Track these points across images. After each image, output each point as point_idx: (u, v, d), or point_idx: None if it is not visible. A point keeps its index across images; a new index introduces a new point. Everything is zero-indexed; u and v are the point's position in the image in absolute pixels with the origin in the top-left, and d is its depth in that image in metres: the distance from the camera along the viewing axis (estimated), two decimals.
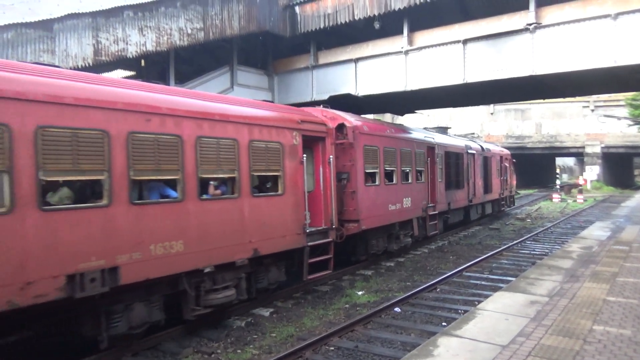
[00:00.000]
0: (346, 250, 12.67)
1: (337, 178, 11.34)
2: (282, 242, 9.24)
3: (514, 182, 30.10)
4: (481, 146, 23.56)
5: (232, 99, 9.26)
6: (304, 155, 9.82)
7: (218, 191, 8.07)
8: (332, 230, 10.78)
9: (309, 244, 9.95)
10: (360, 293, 10.69)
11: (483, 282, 11.54)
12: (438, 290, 10.97)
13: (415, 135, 16.29)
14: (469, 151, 21.10)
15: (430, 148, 16.86)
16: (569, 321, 6.53)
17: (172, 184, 7.30)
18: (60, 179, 6.15)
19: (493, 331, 6.21)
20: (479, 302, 8.59)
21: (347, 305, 9.81)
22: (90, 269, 6.02)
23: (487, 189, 23.41)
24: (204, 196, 7.70)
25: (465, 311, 8.71)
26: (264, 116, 9.04)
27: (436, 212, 16.86)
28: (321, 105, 12.95)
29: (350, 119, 12.53)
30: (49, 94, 5.76)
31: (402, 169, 14.62)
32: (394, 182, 14.10)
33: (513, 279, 10.46)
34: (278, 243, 9.15)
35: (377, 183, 13.13)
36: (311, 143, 10.41)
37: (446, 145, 18.69)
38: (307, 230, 9.89)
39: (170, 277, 7.27)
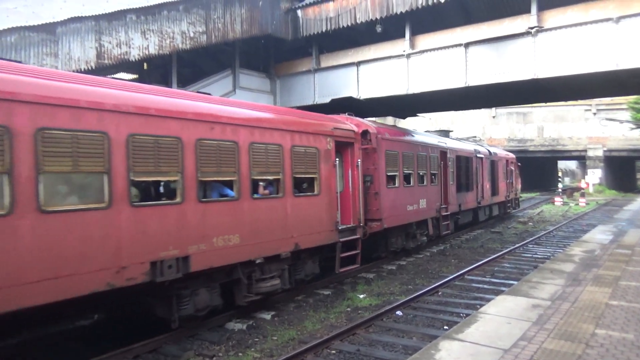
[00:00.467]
0: (367, 247, 13.05)
1: (362, 180, 12.10)
2: (318, 238, 10.24)
3: (519, 185, 31.02)
4: (489, 150, 24.36)
5: (277, 109, 10.32)
6: (337, 159, 10.90)
7: (266, 191, 9.06)
8: (359, 228, 11.68)
9: (341, 240, 10.88)
10: (362, 296, 10.67)
11: (485, 286, 11.51)
12: (440, 293, 10.94)
13: (430, 140, 17.27)
14: (478, 155, 21.89)
15: (443, 152, 17.70)
16: (571, 325, 6.51)
17: (229, 185, 8.30)
18: (145, 179, 7.18)
19: (495, 335, 6.19)
20: (481, 305, 8.57)
21: (348, 309, 9.80)
22: (168, 257, 7.05)
23: (494, 191, 24.32)
24: (255, 195, 8.70)
25: (467, 315, 8.69)
26: (303, 124, 10.11)
27: (448, 213, 17.73)
28: (346, 113, 13.53)
29: (373, 126, 13.38)
30: (138, 106, 6.78)
31: (419, 172, 15.56)
32: (412, 184, 15.02)
33: (515, 282, 10.43)
34: (315, 238, 10.15)
35: (396, 185, 14.03)
36: (341, 147, 11.33)
37: (457, 149, 19.48)
38: (339, 228, 10.82)
39: (228, 267, 8.29)
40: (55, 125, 5.86)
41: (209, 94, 9.15)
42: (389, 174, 13.55)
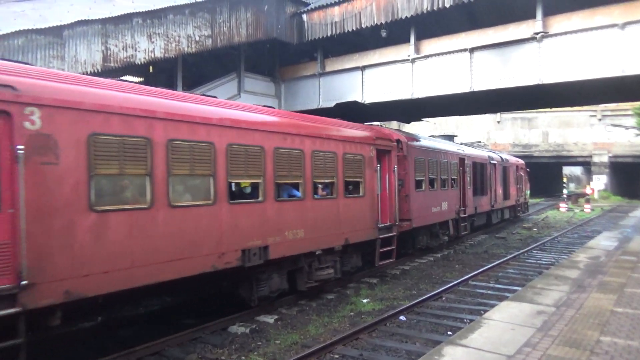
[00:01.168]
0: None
1: (397, 184, 13.50)
2: (363, 234, 11.64)
3: (528, 190, 32.77)
4: (501, 157, 25.81)
5: (332, 121, 11.59)
6: (378, 164, 12.25)
7: (324, 192, 10.47)
8: (395, 226, 12.97)
9: (380, 236, 12.22)
10: (365, 301, 10.65)
11: (489, 292, 11.47)
12: (444, 299, 10.91)
13: (450, 148, 18.95)
14: (492, 162, 23.35)
15: (462, 159, 19.27)
16: (576, 332, 6.47)
17: (296, 187, 9.70)
18: (238, 181, 8.59)
19: (499, 341, 6.16)
20: (485, 311, 8.54)
21: (352, 313, 9.78)
22: (253, 246, 8.51)
23: (505, 195, 25.83)
24: (316, 196, 10.15)
25: (471, 320, 8.65)
26: (352, 134, 11.58)
27: (466, 215, 19.17)
28: (379, 124, 14.76)
29: (403, 135, 15.04)
30: (234, 120, 8.36)
31: (441, 177, 17.07)
32: (435, 188, 16.47)
33: (519, 288, 10.39)
34: (361, 234, 11.56)
35: (423, 189, 15.51)
36: (380, 154, 12.60)
37: (473, 156, 21.04)
38: (379, 226, 12.19)
39: (294, 257, 9.74)
40: (179, 137, 7.31)
41: (271, 107, 10.82)
42: (417, 178, 15.07)
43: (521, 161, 30.99)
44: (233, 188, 8.43)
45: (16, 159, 5.45)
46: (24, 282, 5.43)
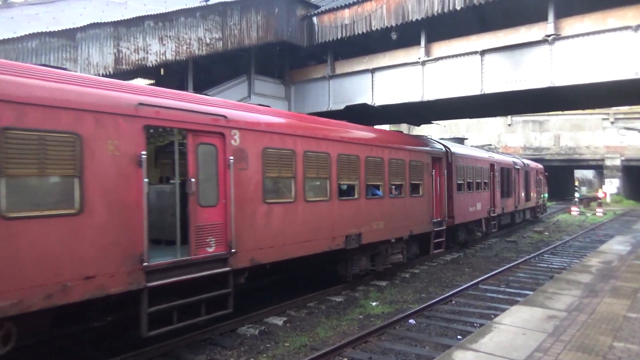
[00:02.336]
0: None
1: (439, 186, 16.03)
2: (422, 227, 14.39)
3: (547, 193, 36.35)
4: (523, 162, 28.52)
5: (403, 135, 14.85)
6: (432, 170, 15.03)
7: (397, 192, 13.11)
8: (444, 221, 15.68)
9: (434, 229, 15.00)
10: (374, 304, 10.62)
11: (500, 296, 11.38)
12: (453, 302, 10.84)
13: (483, 155, 22.02)
14: (516, 167, 26.10)
15: (492, 164, 21.91)
16: (588, 337, 6.39)
17: (377, 187, 12.33)
18: (343, 183, 11.02)
19: (510, 346, 6.11)
20: (496, 315, 8.47)
21: (361, 316, 9.75)
22: (352, 233, 11.14)
23: (527, 197, 28.47)
24: (391, 195, 12.76)
25: (482, 324, 8.59)
26: (415, 144, 14.66)
27: (495, 214, 21.78)
28: (427, 137, 17.11)
29: (449, 144, 17.75)
30: (341, 136, 11.02)
31: (476, 181, 19.68)
32: (472, 190, 19.03)
33: (530, 292, 10.29)
34: (420, 227, 14.33)
35: (462, 191, 17.97)
36: (433, 161, 15.31)
37: (501, 162, 23.81)
38: (433, 221, 14.93)
39: (376, 243, 12.30)
40: (310, 149, 9.92)
41: (343, 121, 12.70)
42: (458, 182, 17.50)
43: (540, 166, 33.91)
44: (341, 188, 10.87)
45: (228, 166, 8.03)
46: (233, 250, 8.04)
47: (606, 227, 27.40)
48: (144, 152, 6.72)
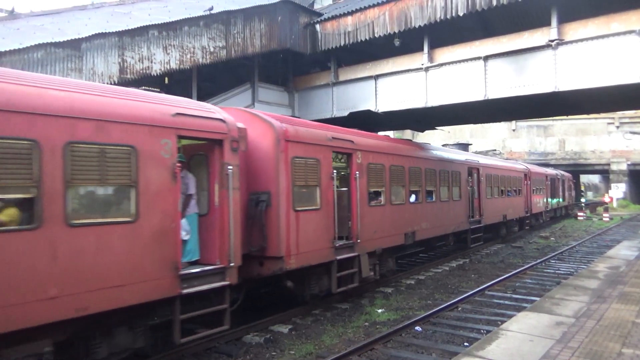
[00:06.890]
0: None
1: (473, 192, 19.17)
2: (460, 226, 17.31)
3: (573, 196, 44.21)
4: (556, 173, 35.71)
5: (448, 150, 18.83)
6: (469, 178, 18.34)
7: (432, 197, 15.15)
8: (481, 220, 19.24)
9: (471, 227, 18.20)
10: (380, 311, 10.55)
11: (506, 302, 11.29)
12: (460, 309, 10.76)
13: (517, 166, 26.67)
14: (548, 175, 32.59)
15: (526, 175, 26.74)
16: (597, 343, 6.32)
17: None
18: (414, 189, 13.97)
19: (517, 352, 6.05)
20: (502, 322, 8.41)
21: (366, 323, 9.69)
22: (408, 231, 13.41)
23: (563, 198, 37.62)
24: (428, 199, 14.88)
25: (488, 331, 8.52)
26: (455, 156, 17.99)
27: (529, 214, 26.59)
28: (464, 151, 20.96)
29: (480, 156, 22.16)
30: (392, 150, 13.12)
31: (508, 188, 23.36)
32: (502, 196, 22.65)
33: (537, 298, 10.21)
34: (459, 226, 17.16)
35: (489, 196, 20.83)
36: (469, 171, 18.65)
37: (535, 172, 29.37)
38: (470, 220, 18.03)
39: (424, 240, 14.91)
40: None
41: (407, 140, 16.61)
42: (487, 188, 20.63)
43: (569, 175, 41.97)
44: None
45: (355, 179, 10.92)
46: (359, 241, 10.90)
47: (613, 232, 27.21)
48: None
